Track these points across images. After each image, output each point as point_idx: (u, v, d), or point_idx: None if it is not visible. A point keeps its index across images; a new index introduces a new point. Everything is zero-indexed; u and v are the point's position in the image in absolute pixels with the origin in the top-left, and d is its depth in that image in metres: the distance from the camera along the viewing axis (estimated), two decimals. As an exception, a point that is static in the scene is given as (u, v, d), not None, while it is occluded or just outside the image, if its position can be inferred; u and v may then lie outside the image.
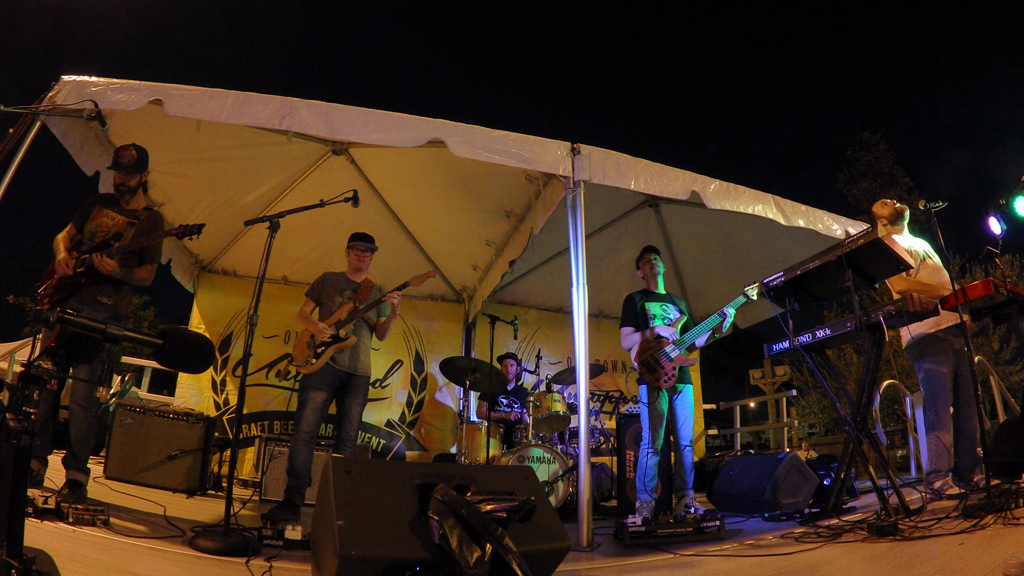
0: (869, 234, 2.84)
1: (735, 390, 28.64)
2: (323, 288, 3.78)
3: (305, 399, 3.49)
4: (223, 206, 4.92)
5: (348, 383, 3.61)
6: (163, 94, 3.09)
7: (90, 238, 3.01)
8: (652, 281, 3.95)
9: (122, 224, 3.05)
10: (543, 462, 4.35)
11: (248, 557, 2.18)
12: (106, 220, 3.05)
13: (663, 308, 3.83)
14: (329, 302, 3.73)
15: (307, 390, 3.51)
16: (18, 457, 1.19)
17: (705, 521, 3.01)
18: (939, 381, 3.33)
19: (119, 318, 3.02)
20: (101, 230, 3.02)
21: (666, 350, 3.65)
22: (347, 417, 3.59)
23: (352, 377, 3.62)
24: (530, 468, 2.07)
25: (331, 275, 3.85)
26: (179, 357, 1.58)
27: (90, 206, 3.11)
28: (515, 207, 4.84)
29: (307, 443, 3.41)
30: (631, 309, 3.86)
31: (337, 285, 3.79)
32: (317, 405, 3.47)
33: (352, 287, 3.80)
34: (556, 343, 6.90)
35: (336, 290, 3.77)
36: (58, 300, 2.90)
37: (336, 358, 3.56)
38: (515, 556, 1.56)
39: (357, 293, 3.78)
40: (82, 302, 2.88)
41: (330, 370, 3.54)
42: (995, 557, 1.83)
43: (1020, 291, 3.06)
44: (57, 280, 2.90)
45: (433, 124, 3.39)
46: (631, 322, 3.83)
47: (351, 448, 3.60)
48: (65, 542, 2.01)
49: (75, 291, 2.91)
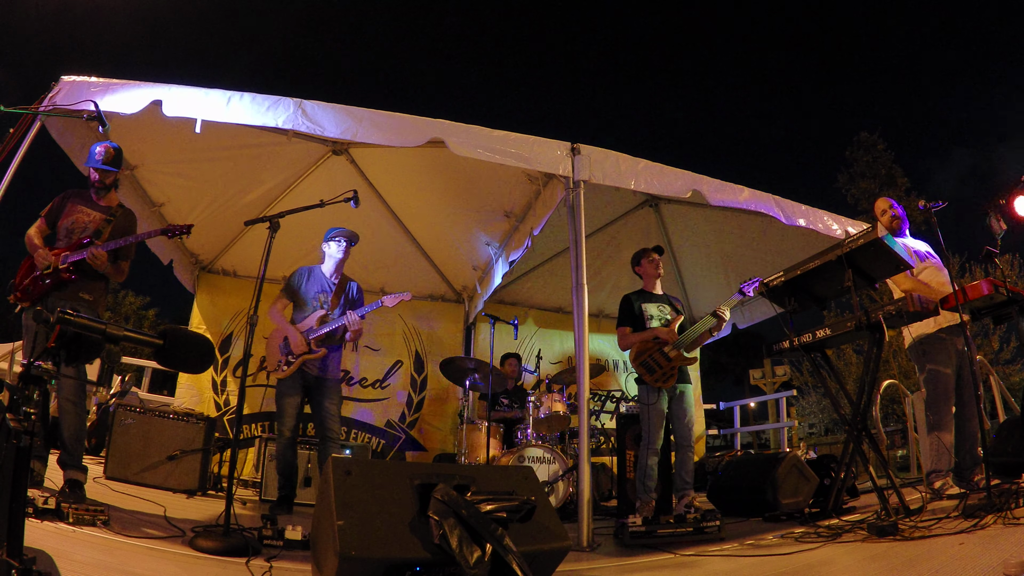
0: (869, 234, 2.84)
1: (735, 390, 28.69)
2: (299, 288, 3.75)
3: (283, 406, 3.60)
4: (223, 206, 4.92)
5: (319, 385, 3.66)
6: (163, 94, 3.09)
7: (66, 234, 3.00)
8: (651, 281, 3.95)
9: (99, 221, 3.05)
10: (543, 462, 4.35)
11: (248, 557, 2.18)
12: (82, 216, 3.04)
13: (660, 309, 3.84)
14: (302, 304, 3.72)
15: (283, 396, 3.61)
16: (18, 457, 1.19)
17: (705, 521, 3.00)
18: (941, 382, 3.32)
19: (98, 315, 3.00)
20: (78, 226, 3.01)
21: (664, 350, 3.65)
22: (327, 416, 3.63)
23: (322, 380, 3.66)
24: (530, 468, 2.07)
25: (307, 272, 3.79)
26: (179, 357, 1.58)
27: (61, 202, 3.10)
28: (515, 207, 4.84)
29: (292, 444, 3.65)
30: (628, 310, 3.87)
31: (314, 285, 3.75)
32: (295, 409, 3.61)
33: (328, 288, 3.77)
34: (556, 343, 6.91)
35: (313, 291, 3.74)
36: (37, 296, 2.88)
37: (308, 364, 3.63)
38: (515, 556, 1.56)
39: (332, 295, 3.75)
40: (63, 298, 2.87)
41: (301, 374, 3.63)
42: (995, 557, 1.83)
43: (1020, 291, 3.06)
44: (35, 276, 2.88)
45: (433, 124, 3.39)
46: (628, 322, 3.84)
47: (337, 445, 3.64)
48: (65, 542, 2.01)
49: (58, 287, 2.89)
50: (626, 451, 4.51)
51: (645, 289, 3.96)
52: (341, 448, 3.78)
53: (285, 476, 3.65)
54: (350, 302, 3.81)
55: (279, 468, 3.67)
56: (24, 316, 2.93)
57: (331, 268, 3.80)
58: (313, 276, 3.78)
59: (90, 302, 2.97)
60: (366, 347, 6.24)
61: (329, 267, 3.81)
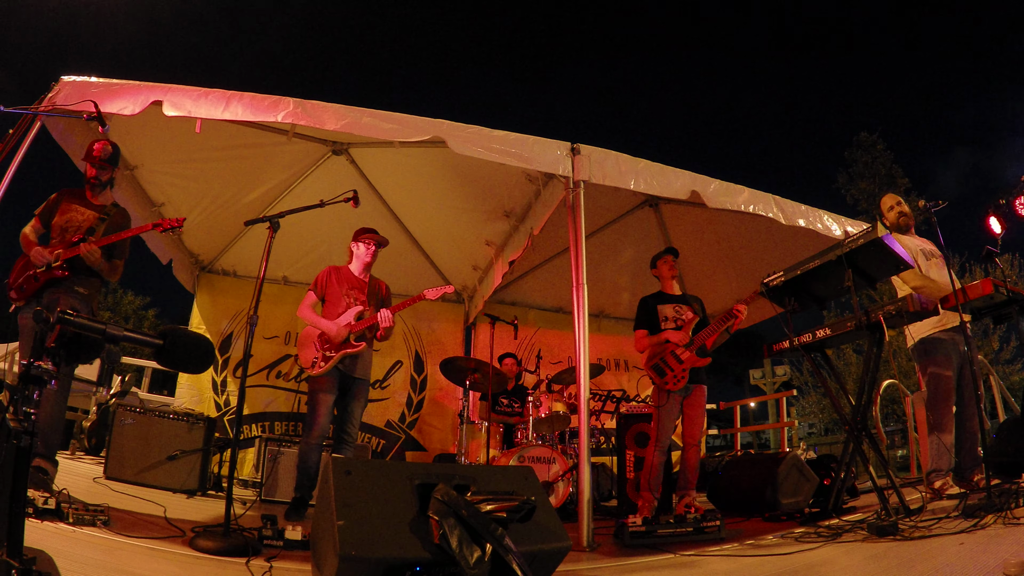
0: (869, 234, 2.83)
1: (735, 390, 28.67)
2: (329, 284, 3.68)
3: (316, 402, 3.46)
4: (223, 206, 4.92)
5: (352, 385, 3.59)
6: (163, 94, 3.09)
7: (60, 232, 2.98)
8: (667, 283, 3.96)
9: (93, 219, 3.03)
10: (543, 462, 4.35)
11: (248, 557, 2.18)
12: (76, 215, 3.02)
13: (676, 310, 3.83)
14: (335, 300, 3.63)
15: (317, 393, 3.47)
16: (18, 457, 1.19)
17: (705, 521, 3.01)
18: (943, 383, 3.32)
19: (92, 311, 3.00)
20: (72, 225, 2.99)
21: (676, 352, 3.65)
22: (350, 418, 3.57)
23: (356, 381, 3.60)
24: (530, 468, 2.07)
25: (337, 271, 3.75)
26: (179, 357, 1.58)
27: (56, 200, 3.08)
28: (515, 207, 4.84)
29: (319, 447, 3.44)
30: (644, 312, 3.87)
31: (344, 283, 3.69)
32: (328, 408, 3.47)
33: (360, 286, 3.72)
34: (556, 343, 6.91)
35: (343, 289, 3.67)
36: (31, 293, 2.87)
37: (345, 362, 3.54)
38: (515, 556, 1.56)
39: (365, 293, 3.71)
40: (58, 292, 2.86)
41: (337, 373, 3.53)
42: (995, 557, 1.83)
43: (1020, 291, 3.06)
44: (28, 275, 2.87)
45: (433, 124, 3.39)
46: (644, 325, 3.84)
47: (352, 448, 3.59)
48: (65, 542, 2.01)
49: (52, 283, 2.89)
50: (626, 451, 4.52)
51: (663, 291, 3.96)
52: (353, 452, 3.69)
53: (308, 478, 3.42)
54: (381, 300, 3.78)
55: (301, 467, 3.45)
56: (20, 316, 2.91)
57: (359, 268, 3.77)
58: (342, 275, 3.73)
59: (85, 295, 2.95)
60: (366, 347, 6.24)
61: (357, 267, 3.77)
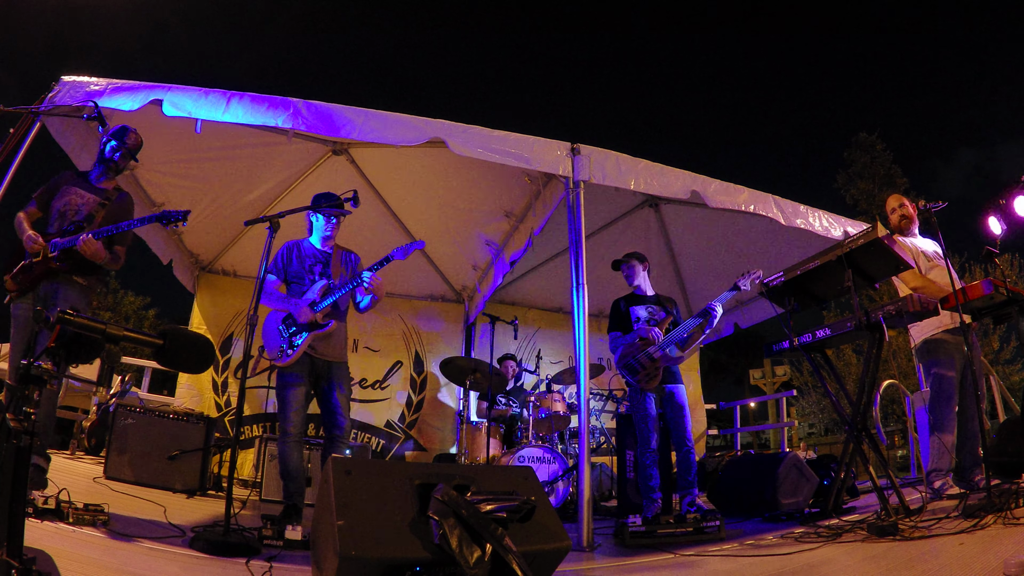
0: (869, 234, 2.83)
1: (735, 390, 28.68)
2: (290, 262, 3.25)
3: (286, 398, 3.07)
4: (223, 206, 4.92)
5: (328, 370, 3.19)
6: (162, 94, 3.09)
7: (60, 217, 2.87)
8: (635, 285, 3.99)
9: (93, 204, 2.91)
10: (543, 462, 4.35)
11: (248, 557, 2.18)
12: (75, 199, 2.90)
13: (649, 310, 3.85)
14: (298, 280, 3.22)
15: (286, 388, 3.07)
16: (18, 457, 1.19)
17: (705, 521, 3.01)
18: (945, 384, 3.32)
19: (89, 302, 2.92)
20: (71, 208, 2.88)
21: (648, 351, 3.66)
22: (336, 410, 3.15)
23: (332, 364, 3.20)
24: (530, 468, 2.07)
25: (295, 246, 3.31)
26: (179, 357, 1.58)
27: (56, 182, 2.97)
28: (515, 207, 4.84)
29: (298, 444, 3.08)
30: (616, 314, 3.92)
31: (306, 258, 3.28)
32: (300, 403, 3.09)
33: (322, 260, 3.30)
34: (556, 343, 6.91)
35: (307, 264, 3.25)
36: (28, 285, 2.79)
37: (315, 346, 3.12)
38: (515, 556, 1.56)
39: (331, 265, 3.29)
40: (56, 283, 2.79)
41: (308, 360, 3.12)
42: (995, 557, 1.83)
43: (1020, 291, 3.06)
44: (23, 264, 2.77)
45: (433, 124, 3.39)
46: (617, 326, 3.88)
47: (345, 443, 3.18)
48: (65, 542, 2.01)
49: (48, 275, 2.79)
50: (626, 451, 4.52)
51: (634, 292, 4.00)
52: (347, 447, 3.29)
53: (292, 481, 3.04)
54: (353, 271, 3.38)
55: (283, 472, 3.05)
56: (12, 307, 2.80)
57: (319, 240, 3.37)
58: (303, 249, 3.33)
59: (84, 286, 2.86)
60: (366, 348, 6.24)
61: (317, 239, 3.37)
